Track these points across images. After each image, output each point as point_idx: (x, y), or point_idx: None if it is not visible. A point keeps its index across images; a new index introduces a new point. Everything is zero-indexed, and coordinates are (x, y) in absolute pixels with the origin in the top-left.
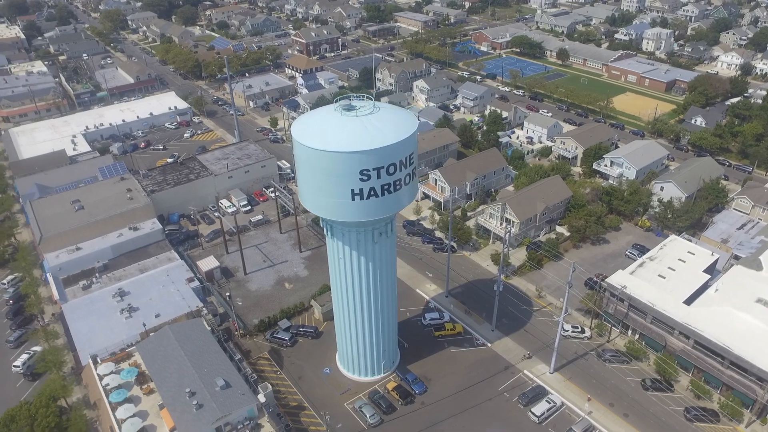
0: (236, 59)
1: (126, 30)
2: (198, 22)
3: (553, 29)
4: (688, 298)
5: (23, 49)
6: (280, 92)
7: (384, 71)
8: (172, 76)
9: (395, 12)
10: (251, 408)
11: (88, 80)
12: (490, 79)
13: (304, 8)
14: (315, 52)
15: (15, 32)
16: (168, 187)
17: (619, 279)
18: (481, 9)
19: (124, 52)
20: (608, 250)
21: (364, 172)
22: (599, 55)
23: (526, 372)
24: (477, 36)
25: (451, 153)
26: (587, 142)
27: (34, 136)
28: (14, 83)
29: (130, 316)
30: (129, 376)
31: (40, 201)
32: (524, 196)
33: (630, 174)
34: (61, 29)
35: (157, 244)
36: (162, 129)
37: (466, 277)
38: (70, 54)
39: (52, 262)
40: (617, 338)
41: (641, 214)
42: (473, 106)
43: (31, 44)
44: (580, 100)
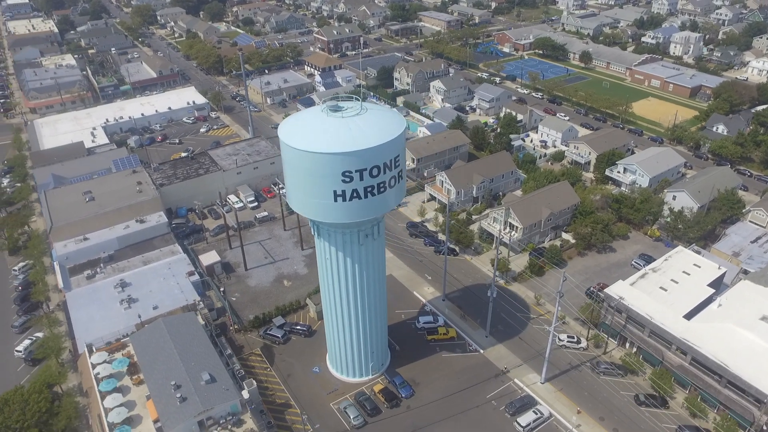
0: (257, 56)
1: (155, 25)
2: (225, 18)
3: (579, 31)
4: (688, 312)
5: (56, 42)
6: (297, 89)
7: (401, 71)
8: (195, 71)
9: (420, 11)
10: (234, 403)
11: (113, 74)
12: (510, 81)
13: (329, 6)
14: (336, 50)
15: (49, 26)
16: (177, 181)
17: (618, 290)
18: (507, 10)
19: (150, 47)
20: (614, 259)
21: (346, 173)
22: (623, 58)
23: (517, 381)
24: (500, 37)
25: (462, 155)
26: (601, 147)
27: (56, 128)
28: (43, 76)
29: (129, 307)
30: (120, 366)
31: (55, 191)
32: (529, 201)
33: (643, 181)
34: (93, 23)
35: (162, 237)
36: (180, 123)
37: (465, 282)
38: (99, 48)
39: (60, 251)
40: (614, 350)
41: (651, 223)
42: (489, 108)
43: (64, 38)
44: (599, 104)
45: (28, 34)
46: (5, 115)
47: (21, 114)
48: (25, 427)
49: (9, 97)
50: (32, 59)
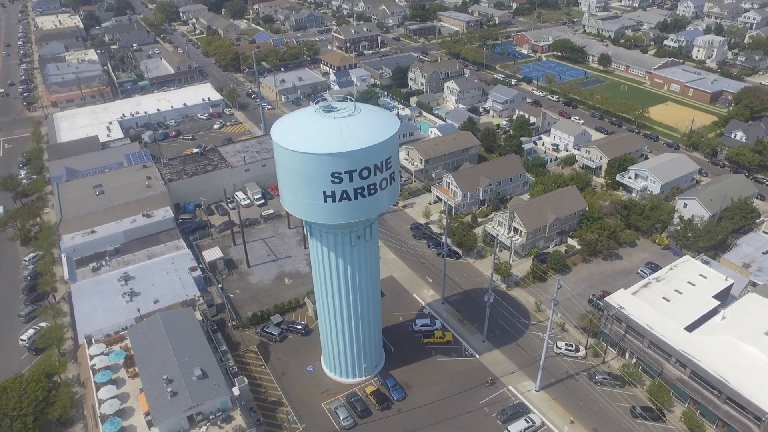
0: (274, 53)
1: (177, 21)
2: (246, 15)
3: (600, 33)
4: (690, 324)
5: (81, 38)
6: (312, 88)
7: (416, 71)
8: (213, 68)
9: (440, 11)
10: (224, 400)
11: (133, 69)
12: (526, 83)
13: (349, 5)
14: (353, 49)
15: (75, 22)
16: (186, 177)
17: (619, 298)
18: (528, 11)
19: (171, 43)
20: (620, 266)
21: (335, 174)
22: (643, 61)
23: (511, 387)
24: (518, 38)
25: (471, 157)
26: (613, 152)
27: (74, 121)
28: (65, 70)
29: (130, 300)
30: (117, 359)
31: (67, 184)
32: (535, 205)
33: (654, 188)
34: (117, 19)
35: (168, 232)
36: (194, 119)
37: (466, 285)
38: (122, 43)
39: (68, 243)
40: (613, 360)
41: (660, 231)
42: (503, 110)
43: (89, 33)
44: (615, 108)
45: (55, 30)
46: (28, 108)
47: (42, 107)
48: (22, 414)
49: (33, 91)
50: (57, 54)
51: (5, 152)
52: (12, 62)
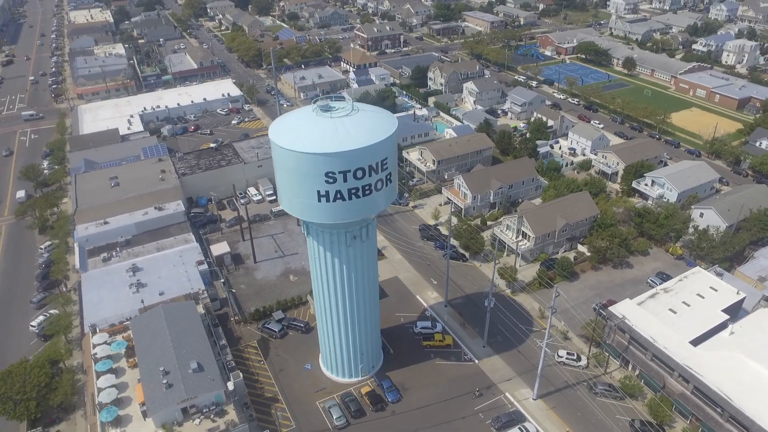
0: (296, 50)
1: (204, 17)
2: (272, 12)
3: (627, 36)
4: (696, 338)
5: (110, 32)
6: (331, 86)
7: (435, 71)
8: (236, 63)
9: (465, 11)
10: (219, 394)
11: (157, 64)
12: (547, 85)
13: (374, 3)
14: (375, 47)
15: (106, 16)
16: (199, 171)
17: (624, 308)
18: (554, 12)
19: (197, 39)
20: (630, 275)
21: (329, 174)
22: (669, 66)
23: (508, 395)
24: (542, 40)
25: (485, 159)
26: (630, 158)
27: (97, 114)
28: (92, 63)
29: (137, 291)
30: (119, 348)
31: (84, 175)
32: (545, 209)
33: (671, 196)
34: (146, 14)
35: (179, 226)
36: (213, 114)
37: (470, 289)
38: (149, 38)
39: (81, 233)
40: (615, 371)
41: (674, 240)
42: (521, 112)
43: (119, 28)
44: (636, 112)
45: (86, 24)
46: (55, 100)
47: (69, 100)
48: (25, 398)
49: (61, 83)
50: (86, 48)
51: (31, 142)
52: (44, 55)
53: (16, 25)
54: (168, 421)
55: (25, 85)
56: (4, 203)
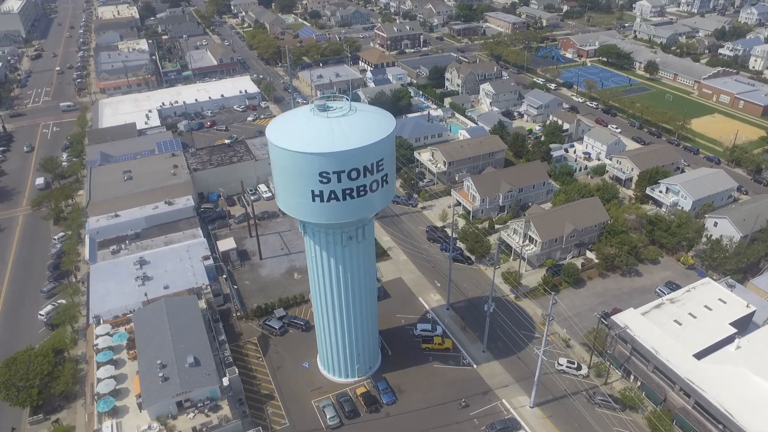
0: (315, 49)
1: (228, 14)
2: (294, 10)
3: (652, 39)
4: (701, 351)
5: (135, 27)
6: (348, 84)
7: (453, 71)
8: (256, 61)
9: (487, 12)
10: (214, 389)
11: (178, 60)
12: (566, 88)
13: (396, 2)
14: (395, 47)
15: (132, 12)
16: (211, 167)
17: (627, 318)
18: (578, 14)
19: (220, 35)
20: (638, 284)
21: (323, 174)
22: (692, 70)
23: (504, 401)
24: (564, 42)
25: (498, 161)
26: (645, 164)
27: (117, 108)
28: (116, 59)
29: (142, 284)
30: (120, 340)
31: (99, 168)
32: (553, 215)
33: (686, 204)
34: (171, 11)
35: (188, 220)
36: (230, 111)
37: (474, 292)
38: (172, 34)
39: (92, 225)
40: (616, 382)
41: (686, 249)
42: (537, 115)
43: (144, 23)
44: (655, 117)
45: (112, 19)
46: (78, 94)
47: (91, 94)
48: (28, 385)
49: (85, 78)
50: (112, 43)
51: (53, 135)
52: (71, 49)
53: (47, 20)
54: (163, 414)
55: (51, 78)
56: (23, 194)
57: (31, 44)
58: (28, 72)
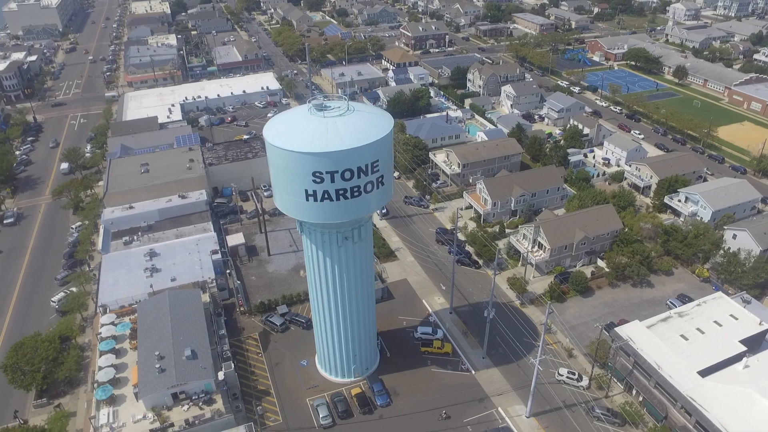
0: (339, 47)
1: (257, 11)
2: (322, 8)
3: (684, 44)
4: (706, 368)
5: (166, 23)
6: (370, 83)
7: (475, 72)
8: (281, 57)
9: (515, 13)
10: (209, 382)
11: (204, 55)
12: (591, 92)
13: (424, 2)
14: (419, 46)
15: (164, 8)
16: (226, 162)
17: (631, 330)
18: (610, 16)
19: (248, 32)
20: (649, 295)
21: (316, 174)
22: (723, 76)
23: (500, 409)
24: (591, 44)
25: (513, 164)
26: (665, 171)
27: (141, 102)
28: (144, 53)
29: (150, 275)
30: (123, 330)
31: (119, 160)
32: (564, 221)
33: (705, 214)
34: (202, 7)
35: (200, 214)
36: (251, 107)
37: (479, 297)
38: (202, 30)
39: (107, 216)
40: (617, 396)
41: (701, 261)
42: (558, 118)
43: (175, 19)
44: (681, 124)
45: (145, 15)
46: (107, 87)
47: (119, 87)
48: (33, 370)
49: (114, 71)
50: (142, 37)
51: (79, 126)
52: (104, 43)
53: (83, 14)
54: (158, 405)
55: (83, 72)
56: (47, 183)
57: (66, 38)
58: (62, 64)
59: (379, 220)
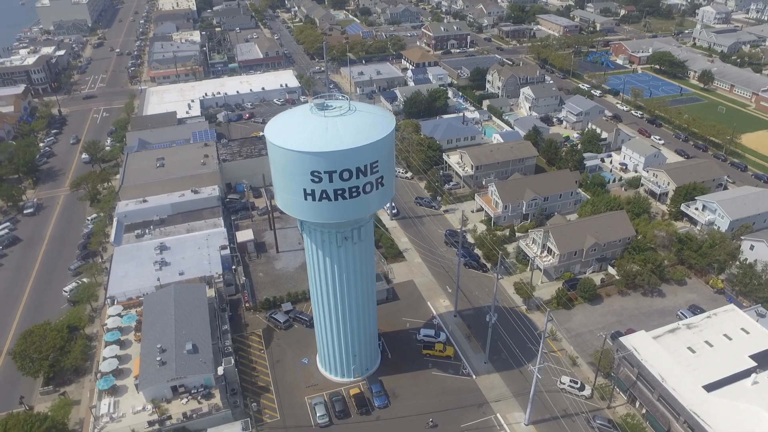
0: (360, 45)
1: (281, 9)
2: (346, 6)
3: (712, 47)
4: (712, 383)
5: (192, 19)
6: (389, 82)
7: (494, 73)
8: (301, 55)
9: (539, 14)
10: (208, 377)
11: (226, 52)
12: (612, 95)
13: (447, 2)
14: (440, 46)
15: (189, 4)
16: (240, 158)
17: (636, 340)
18: (636, 19)
19: (271, 29)
20: (659, 305)
21: (314, 173)
22: (751, 81)
23: (499, 416)
24: (616, 47)
25: (528, 167)
26: (682, 178)
27: (162, 97)
28: (168, 49)
29: (159, 269)
30: (129, 322)
31: (136, 154)
32: (575, 226)
33: (723, 223)
34: (227, 4)
35: (211, 210)
36: (270, 104)
37: (485, 301)
38: (226, 26)
39: (121, 209)
40: (620, 407)
41: (716, 272)
42: (576, 122)
43: (200, 15)
44: (703, 130)
45: (171, 11)
46: (130, 82)
47: (142, 82)
48: (40, 358)
49: (139, 66)
50: (167, 33)
51: (102, 120)
52: (131, 38)
53: (113, 10)
54: (157, 397)
55: (108, 67)
56: (67, 175)
57: (95, 33)
58: (89, 59)
59: (389, 221)
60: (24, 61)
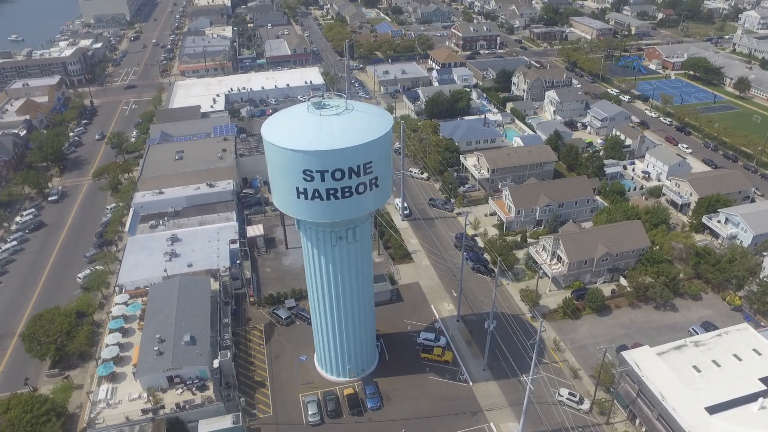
0: (388, 44)
1: (314, 6)
2: (378, 5)
3: (752, 54)
4: (716, 405)
5: (226, 15)
6: (413, 82)
7: (520, 76)
8: (330, 53)
9: (573, 16)
10: (204, 369)
11: (256, 47)
12: (641, 101)
13: (480, 2)
14: (469, 47)
15: (224, 1)
16: (256, 153)
17: (639, 356)
18: (674, 23)
19: (302, 26)
20: (671, 319)
21: (306, 172)
22: None
23: (492, 425)
24: (649, 52)
25: (546, 173)
26: (706, 189)
27: (189, 90)
28: (199, 43)
29: (169, 260)
30: (134, 310)
31: (157, 146)
32: (587, 235)
33: (746, 238)
34: (261, 0)
35: (225, 204)
36: (294, 100)
37: (489, 307)
38: (258, 22)
39: (137, 199)
40: (619, 423)
41: (734, 288)
42: (601, 127)
43: (234, 11)
44: (734, 140)
45: (206, 6)
46: (161, 75)
47: (172, 75)
48: (47, 342)
49: (170, 60)
50: (201, 28)
51: (130, 112)
52: (166, 32)
53: (152, 5)
54: (153, 386)
55: (141, 60)
56: (92, 164)
57: (132, 27)
58: (124, 52)
59: (400, 221)
60: (62, 53)
